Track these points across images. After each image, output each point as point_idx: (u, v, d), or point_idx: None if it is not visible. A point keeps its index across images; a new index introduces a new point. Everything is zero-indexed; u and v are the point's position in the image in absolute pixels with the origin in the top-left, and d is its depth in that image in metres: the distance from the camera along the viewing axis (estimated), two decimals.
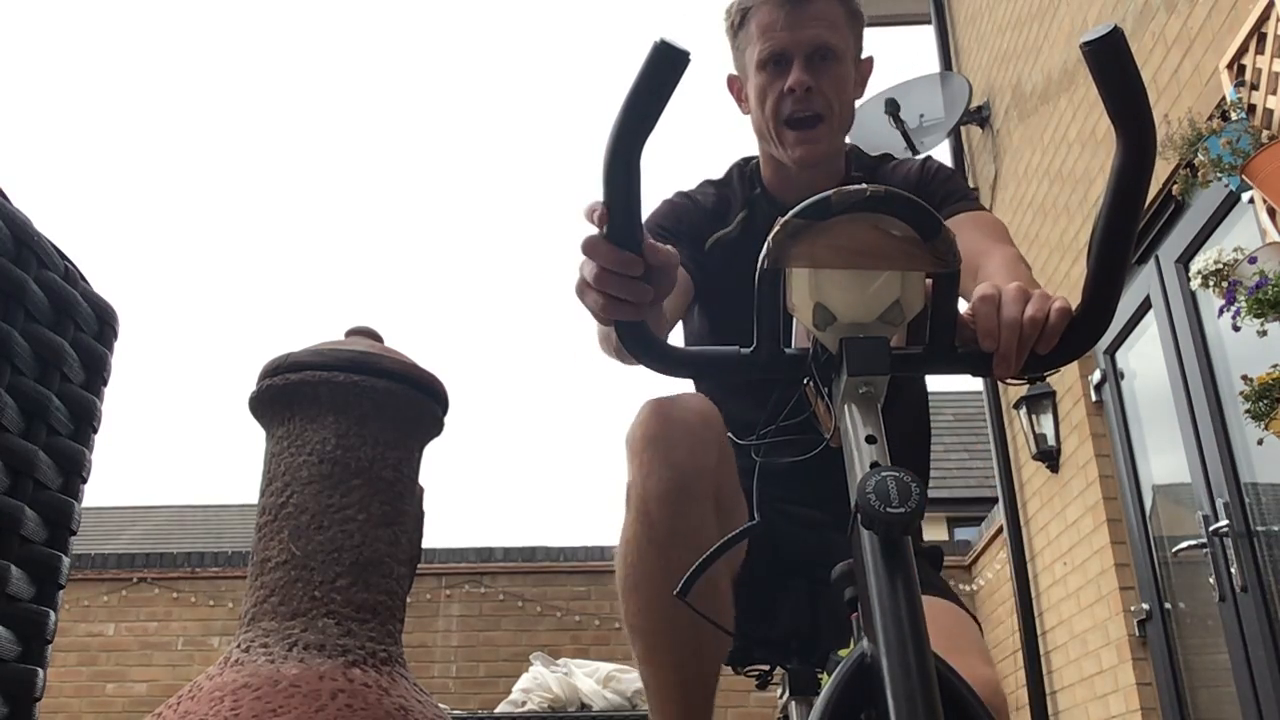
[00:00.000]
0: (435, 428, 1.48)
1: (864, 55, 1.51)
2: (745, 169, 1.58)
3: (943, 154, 5.79)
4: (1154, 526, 3.92)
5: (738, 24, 1.49)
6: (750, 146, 1.59)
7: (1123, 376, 4.12)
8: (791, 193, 1.45)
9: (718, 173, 1.61)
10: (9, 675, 1.21)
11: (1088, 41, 0.79)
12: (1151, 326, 3.75)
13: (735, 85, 1.55)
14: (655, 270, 0.87)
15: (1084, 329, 0.90)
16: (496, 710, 5.04)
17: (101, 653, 6.69)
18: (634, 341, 0.90)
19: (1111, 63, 0.80)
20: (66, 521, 1.31)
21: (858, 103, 1.53)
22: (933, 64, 6.12)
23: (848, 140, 1.58)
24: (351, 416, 1.37)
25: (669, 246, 0.88)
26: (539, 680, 4.74)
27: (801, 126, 1.44)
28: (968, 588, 6.21)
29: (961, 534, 10.18)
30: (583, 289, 0.89)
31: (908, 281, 0.85)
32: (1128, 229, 0.86)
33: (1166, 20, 3.44)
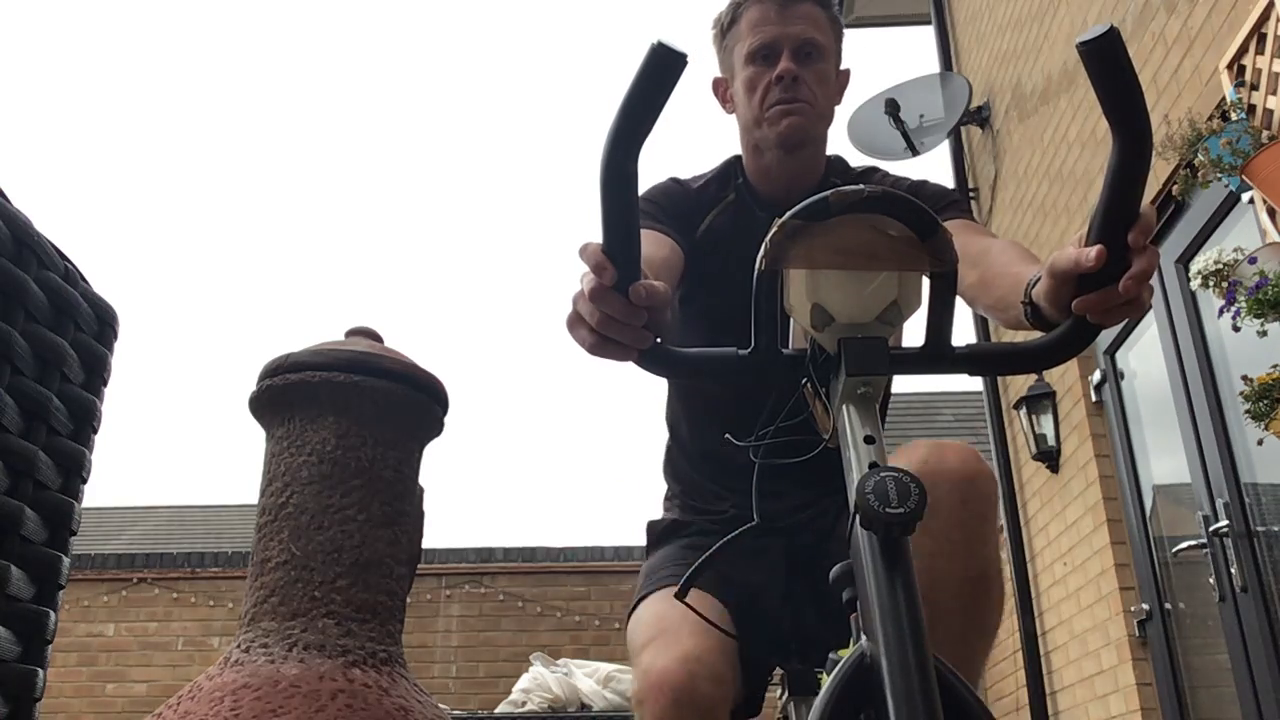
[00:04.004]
0: (435, 428, 1.48)
1: (843, 67, 1.59)
2: (731, 164, 1.63)
3: (943, 154, 5.79)
4: (1154, 527, 3.92)
5: (728, 24, 1.55)
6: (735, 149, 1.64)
7: (1123, 376, 4.12)
8: (771, 183, 1.53)
9: (707, 167, 1.67)
10: (9, 675, 1.21)
11: (1084, 41, 0.79)
12: (1151, 326, 3.74)
13: (721, 86, 1.61)
14: (651, 310, 0.87)
15: (1079, 330, 0.90)
16: (496, 710, 5.04)
17: (101, 653, 6.69)
18: None
19: (1108, 63, 0.80)
20: (66, 521, 1.31)
21: (837, 108, 1.60)
22: (933, 64, 6.12)
23: (841, 154, 1.63)
24: (351, 416, 1.37)
25: (661, 285, 0.88)
26: (539, 680, 4.74)
27: (786, 105, 1.50)
28: None
29: None
30: (576, 325, 0.89)
31: (905, 282, 0.85)
32: (1124, 230, 0.86)
33: (1166, 20, 3.44)
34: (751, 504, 1.25)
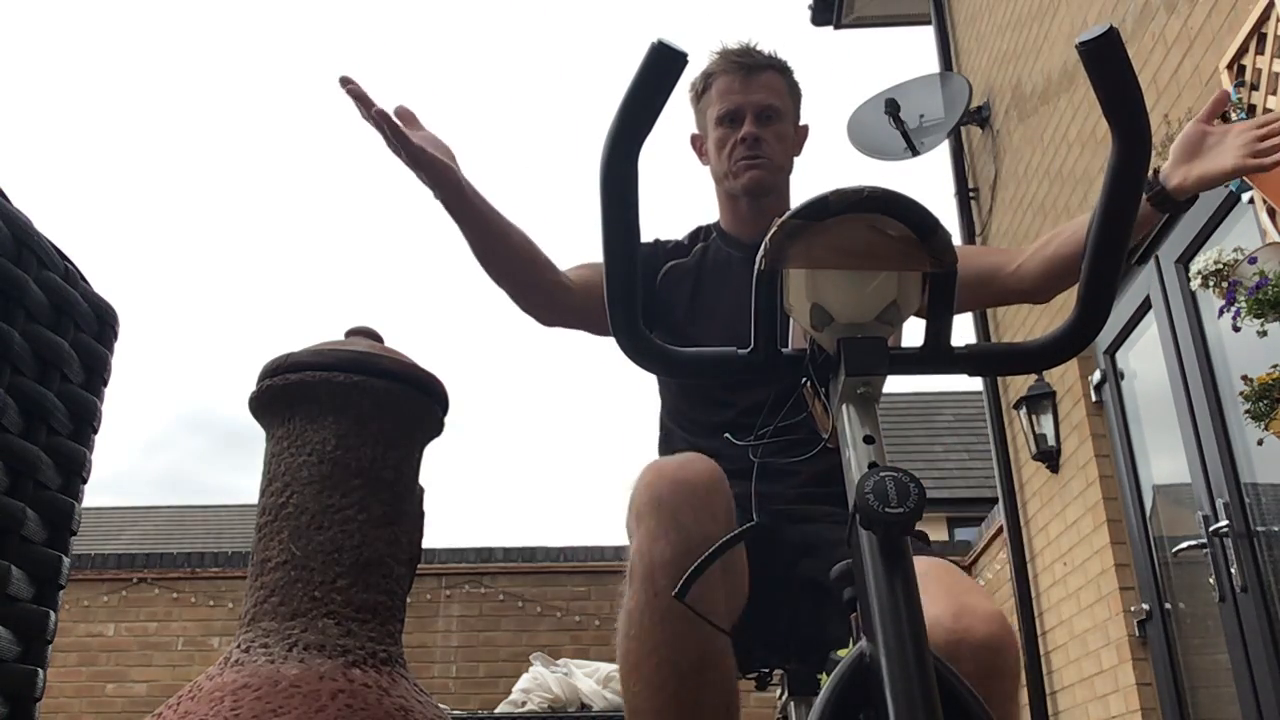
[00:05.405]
0: (435, 428, 1.48)
1: (801, 123, 1.80)
2: (703, 225, 1.84)
3: (943, 154, 5.79)
4: (1154, 527, 3.92)
5: (701, 90, 1.77)
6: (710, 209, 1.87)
7: (1123, 377, 4.12)
8: (743, 226, 1.73)
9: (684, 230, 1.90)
10: (9, 675, 1.21)
11: (1084, 41, 0.79)
12: (1151, 327, 3.75)
13: (697, 142, 1.82)
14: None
15: (1078, 330, 0.90)
16: (496, 710, 5.04)
17: (101, 653, 6.69)
18: (631, 343, 0.89)
19: (1107, 63, 0.80)
20: (66, 522, 1.31)
21: (797, 159, 1.82)
22: (933, 64, 6.12)
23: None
24: (351, 417, 1.37)
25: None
26: (539, 680, 4.74)
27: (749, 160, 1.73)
28: None
29: (961, 534, 10.18)
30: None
31: (905, 282, 0.85)
32: (1123, 229, 0.86)
33: (1166, 20, 3.44)
34: (750, 484, 1.24)
